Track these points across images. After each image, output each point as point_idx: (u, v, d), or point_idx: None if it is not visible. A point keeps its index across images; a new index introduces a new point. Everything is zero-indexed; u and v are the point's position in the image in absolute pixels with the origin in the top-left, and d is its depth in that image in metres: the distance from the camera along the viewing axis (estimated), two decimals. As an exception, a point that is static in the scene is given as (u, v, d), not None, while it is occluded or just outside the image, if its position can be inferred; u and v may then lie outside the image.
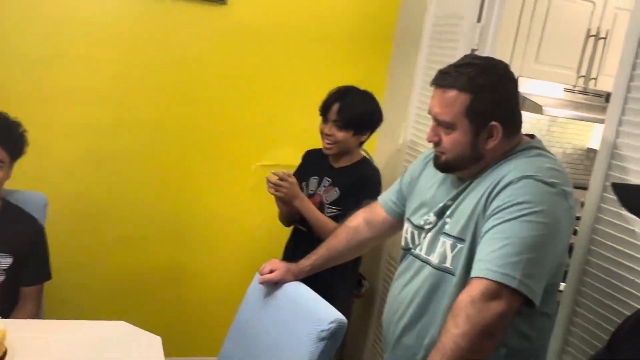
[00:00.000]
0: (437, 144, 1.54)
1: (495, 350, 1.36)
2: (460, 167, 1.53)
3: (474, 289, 1.34)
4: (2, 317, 1.79)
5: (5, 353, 1.61)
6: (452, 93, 1.47)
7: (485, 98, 1.45)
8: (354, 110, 2.28)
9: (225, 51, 2.74)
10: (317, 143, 2.57)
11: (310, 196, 2.36)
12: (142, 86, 2.68)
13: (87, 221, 2.72)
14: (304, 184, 2.41)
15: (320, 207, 2.34)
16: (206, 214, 2.89)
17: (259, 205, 2.76)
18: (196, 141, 2.81)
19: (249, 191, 2.86)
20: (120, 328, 1.90)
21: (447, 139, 1.50)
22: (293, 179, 2.26)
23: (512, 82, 1.51)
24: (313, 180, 2.41)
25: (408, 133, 2.68)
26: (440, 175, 1.62)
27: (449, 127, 1.49)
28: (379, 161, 2.87)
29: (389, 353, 1.67)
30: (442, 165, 1.56)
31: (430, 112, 1.53)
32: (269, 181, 2.25)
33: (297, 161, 2.54)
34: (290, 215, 2.39)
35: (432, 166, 1.65)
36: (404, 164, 2.64)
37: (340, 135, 2.28)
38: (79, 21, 2.54)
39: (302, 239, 2.39)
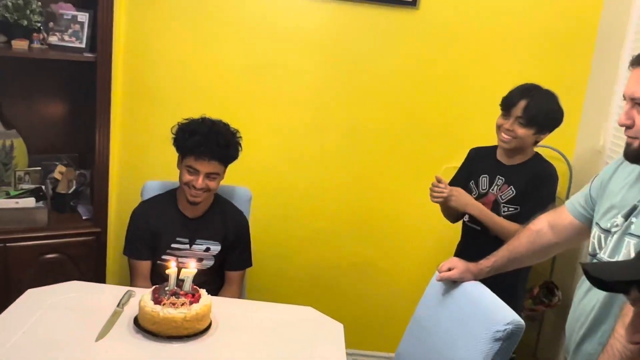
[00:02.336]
0: (629, 127, 1.45)
1: None
2: None
3: None
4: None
5: (210, 324, 1.85)
6: None
7: None
8: (540, 109, 2.20)
9: (417, 53, 2.81)
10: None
11: (482, 195, 2.33)
12: (338, 91, 2.85)
13: (286, 216, 2.97)
14: (472, 182, 2.38)
15: (495, 206, 2.29)
16: (394, 213, 2.97)
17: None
18: (388, 142, 2.91)
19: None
20: (307, 313, 2.05)
21: None
22: (456, 189, 2.27)
23: None
24: (483, 179, 2.37)
25: (609, 134, 2.50)
26: (633, 176, 1.52)
27: None
28: (577, 163, 2.72)
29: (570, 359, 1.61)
30: (633, 152, 1.46)
31: (624, 96, 1.45)
32: (432, 191, 2.28)
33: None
34: (453, 212, 2.40)
35: (624, 168, 1.56)
36: (604, 166, 2.47)
37: (521, 132, 2.22)
38: (283, 32, 2.78)
39: (474, 236, 2.36)
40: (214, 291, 2.33)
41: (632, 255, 1.41)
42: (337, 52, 2.81)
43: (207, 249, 2.33)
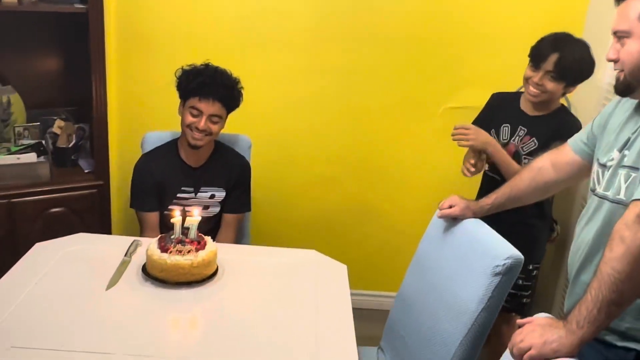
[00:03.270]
0: (615, 61, 1.48)
1: None
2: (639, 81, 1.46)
3: (630, 212, 1.31)
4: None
5: (216, 270, 1.89)
6: (628, 2, 1.43)
7: None
8: (573, 63, 2.13)
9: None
10: (506, 85, 2.51)
11: (502, 145, 2.28)
12: (333, 32, 2.81)
13: (286, 161, 2.98)
14: (492, 131, 2.33)
15: (516, 157, 2.26)
16: (394, 155, 2.99)
17: (445, 148, 2.77)
18: (386, 83, 2.89)
19: (436, 133, 2.89)
20: (311, 256, 2.09)
21: (624, 51, 1.45)
22: (474, 127, 2.24)
23: None
24: (504, 128, 2.33)
25: (607, 75, 2.48)
26: (629, 112, 1.54)
27: (625, 36, 1.44)
28: (577, 104, 2.71)
29: (568, 291, 1.65)
30: (621, 85, 1.49)
31: (612, 32, 1.48)
32: (455, 131, 2.23)
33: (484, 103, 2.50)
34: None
35: (623, 105, 1.58)
36: (604, 104, 2.46)
37: (551, 85, 2.16)
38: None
39: (494, 187, 2.23)
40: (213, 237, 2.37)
41: (622, 184, 1.45)
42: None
43: (212, 196, 2.36)
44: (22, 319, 1.59)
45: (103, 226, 2.59)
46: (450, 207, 1.93)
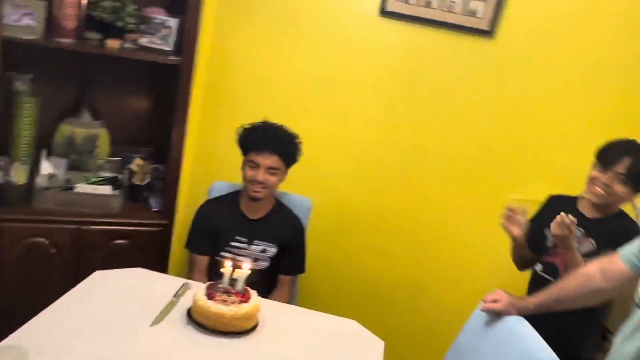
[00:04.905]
0: None
1: None
2: None
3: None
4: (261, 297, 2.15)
5: (256, 324, 1.95)
6: None
7: None
8: None
9: (490, 82, 2.83)
10: (573, 183, 2.49)
11: (555, 245, 2.25)
12: (405, 111, 2.90)
13: (343, 228, 3.04)
14: (546, 229, 2.30)
15: None
16: (449, 235, 3.00)
17: (501, 237, 2.76)
18: (452, 166, 2.94)
19: (494, 221, 2.87)
20: (351, 326, 2.11)
21: None
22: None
23: None
24: None
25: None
26: None
27: None
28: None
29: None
30: None
31: None
32: (558, 223, 2.09)
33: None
34: (525, 257, 2.36)
35: None
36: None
37: (620, 189, 2.14)
38: (357, 49, 2.86)
39: (544, 287, 2.11)
40: (265, 292, 2.43)
41: None
42: (409, 74, 2.87)
43: (264, 250, 2.44)
44: (64, 342, 1.69)
45: (161, 264, 2.71)
46: (495, 301, 1.92)
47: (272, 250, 2.45)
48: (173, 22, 2.64)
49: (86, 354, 1.66)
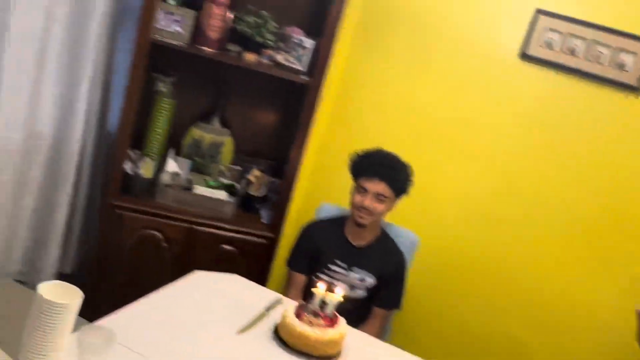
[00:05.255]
0: None
1: None
2: None
3: None
4: (350, 326, 2.11)
5: (339, 352, 1.91)
6: None
7: None
8: None
9: (628, 141, 2.62)
10: None
11: None
12: (535, 160, 2.76)
13: (448, 272, 2.93)
14: None
15: None
16: (565, 301, 2.77)
17: (624, 311, 2.53)
18: (579, 227, 2.74)
19: (617, 293, 2.64)
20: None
21: None
22: None
23: None
24: None
25: None
26: None
27: None
28: None
29: None
30: None
31: None
32: None
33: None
34: None
35: None
36: None
37: None
38: (492, 91, 2.77)
39: None
40: (357, 322, 2.39)
41: None
42: (542, 122, 2.73)
43: (362, 279, 2.40)
44: (150, 335, 1.74)
45: (261, 276, 2.76)
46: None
47: (370, 280, 2.41)
48: (309, 43, 2.71)
49: (168, 350, 1.70)
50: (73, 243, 2.80)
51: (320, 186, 3.06)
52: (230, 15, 2.67)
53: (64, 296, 1.32)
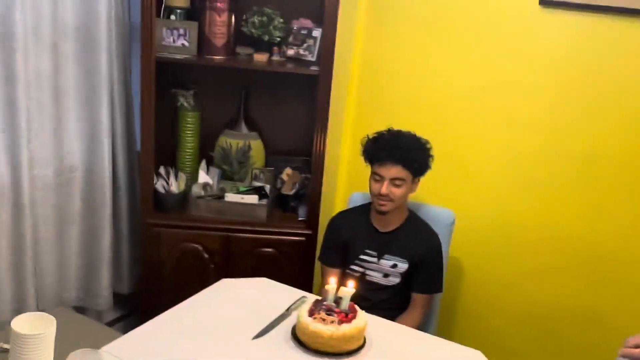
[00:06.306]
0: None
1: None
2: None
3: None
4: (391, 316, 2.02)
5: (362, 346, 1.84)
6: None
7: None
8: None
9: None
10: None
11: None
12: (573, 112, 2.52)
13: (495, 245, 2.74)
14: None
15: None
16: (636, 256, 2.52)
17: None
18: (632, 177, 2.48)
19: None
20: (473, 357, 1.88)
21: None
22: None
23: None
24: None
25: None
26: None
27: None
28: None
29: None
30: None
31: None
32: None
33: None
34: None
35: None
36: None
37: None
38: (521, 47, 2.56)
39: None
40: (399, 310, 2.30)
41: None
42: (575, 70, 2.48)
43: (394, 266, 2.31)
44: (169, 341, 1.77)
45: (305, 273, 2.73)
46: (637, 346, 1.56)
47: (403, 266, 2.30)
48: (317, 33, 2.64)
49: (180, 357, 1.72)
50: (124, 264, 2.90)
51: (358, 176, 2.96)
52: (233, 19, 2.66)
53: (39, 326, 1.36)
